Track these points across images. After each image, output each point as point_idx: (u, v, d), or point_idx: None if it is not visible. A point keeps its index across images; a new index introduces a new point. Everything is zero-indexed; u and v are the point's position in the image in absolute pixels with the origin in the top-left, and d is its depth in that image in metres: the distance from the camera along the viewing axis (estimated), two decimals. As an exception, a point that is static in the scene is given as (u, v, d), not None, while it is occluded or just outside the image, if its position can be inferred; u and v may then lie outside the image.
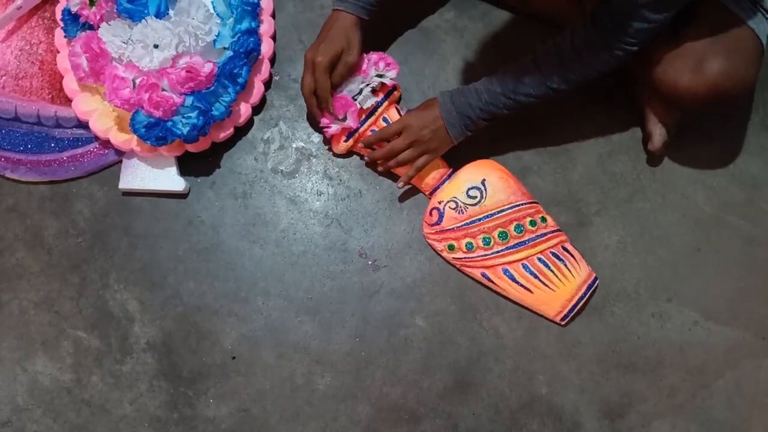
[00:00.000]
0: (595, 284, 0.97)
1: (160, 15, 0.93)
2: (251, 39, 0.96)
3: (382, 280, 0.98)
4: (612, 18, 0.79)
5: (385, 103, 0.97)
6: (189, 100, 0.91)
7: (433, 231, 0.96)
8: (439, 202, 0.96)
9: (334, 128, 0.96)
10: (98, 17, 0.93)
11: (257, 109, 1.04)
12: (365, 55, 0.97)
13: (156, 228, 1.00)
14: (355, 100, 0.96)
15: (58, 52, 1.01)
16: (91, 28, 0.95)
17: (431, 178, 0.97)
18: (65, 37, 0.98)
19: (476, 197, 0.95)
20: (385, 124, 0.97)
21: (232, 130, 1.00)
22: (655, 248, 1.01)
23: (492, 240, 0.94)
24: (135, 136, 0.94)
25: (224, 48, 0.96)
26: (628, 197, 1.03)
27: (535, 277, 0.94)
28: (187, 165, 1.01)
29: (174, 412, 0.93)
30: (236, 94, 0.96)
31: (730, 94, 0.85)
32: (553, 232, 0.97)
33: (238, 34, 0.96)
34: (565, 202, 1.02)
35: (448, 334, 0.97)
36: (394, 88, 0.98)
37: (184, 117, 0.91)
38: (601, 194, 1.03)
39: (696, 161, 1.05)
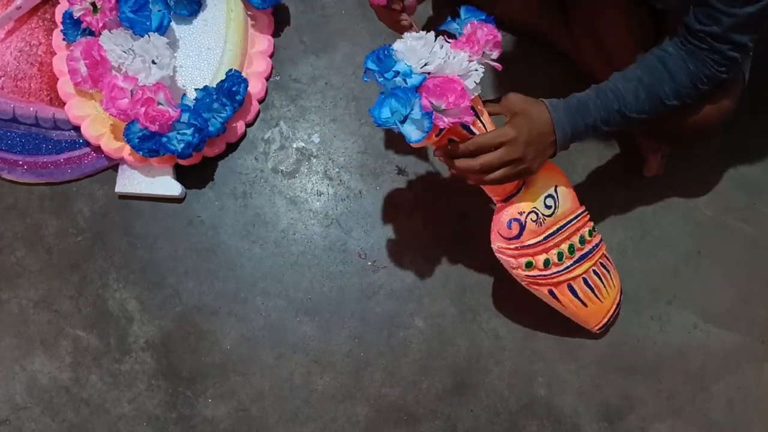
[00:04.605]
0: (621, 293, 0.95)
1: (161, 29, 0.93)
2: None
3: (381, 281, 0.98)
4: (706, 37, 0.74)
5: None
6: (185, 116, 0.91)
7: (511, 246, 0.82)
8: (520, 213, 0.81)
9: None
10: (101, 24, 0.93)
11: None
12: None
13: (156, 228, 1.00)
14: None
15: (56, 54, 1.00)
16: (92, 34, 0.95)
17: (509, 183, 0.80)
18: (64, 40, 0.98)
19: (551, 207, 0.83)
20: (464, 131, 0.76)
21: (224, 146, 1.01)
22: (656, 251, 1.01)
23: (564, 255, 0.85)
24: (127, 145, 0.94)
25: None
26: (628, 199, 1.03)
27: (591, 290, 0.89)
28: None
29: (173, 411, 0.93)
30: (233, 112, 0.96)
31: (710, 131, 0.85)
32: (600, 240, 0.91)
33: None
34: (566, 204, 1.02)
35: (447, 336, 0.97)
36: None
37: (179, 133, 0.91)
38: (601, 196, 1.03)
39: (697, 164, 1.05)
